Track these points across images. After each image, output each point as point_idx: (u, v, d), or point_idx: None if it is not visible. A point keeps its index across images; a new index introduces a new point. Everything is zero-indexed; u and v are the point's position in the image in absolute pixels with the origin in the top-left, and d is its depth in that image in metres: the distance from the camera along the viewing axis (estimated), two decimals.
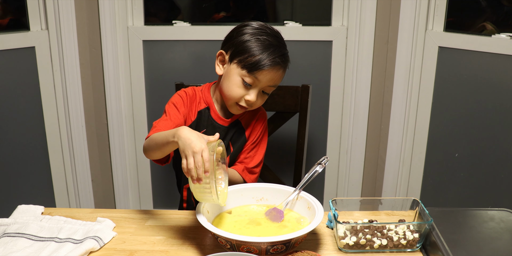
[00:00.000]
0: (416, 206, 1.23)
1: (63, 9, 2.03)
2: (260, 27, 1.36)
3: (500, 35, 1.91)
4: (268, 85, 1.35)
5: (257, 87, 1.34)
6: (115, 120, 2.22)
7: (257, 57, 1.31)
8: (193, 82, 1.72)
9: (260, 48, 1.32)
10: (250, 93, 1.34)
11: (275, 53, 1.32)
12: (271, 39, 1.34)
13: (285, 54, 1.36)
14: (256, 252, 1.08)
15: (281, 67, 1.35)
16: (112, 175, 2.30)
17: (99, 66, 2.16)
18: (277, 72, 1.34)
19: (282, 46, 1.36)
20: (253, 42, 1.33)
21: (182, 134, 1.10)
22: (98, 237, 1.19)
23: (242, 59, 1.32)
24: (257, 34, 1.34)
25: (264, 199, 1.31)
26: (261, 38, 1.33)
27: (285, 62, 1.36)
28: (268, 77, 1.33)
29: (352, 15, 2.09)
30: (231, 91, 1.35)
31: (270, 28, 1.38)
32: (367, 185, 2.34)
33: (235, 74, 1.34)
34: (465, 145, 2.07)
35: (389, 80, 2.15)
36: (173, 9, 2.29)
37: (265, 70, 1.31)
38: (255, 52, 1.31)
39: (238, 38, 1.35)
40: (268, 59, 1.31)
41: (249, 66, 1.31)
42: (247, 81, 1.33)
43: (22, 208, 1.32)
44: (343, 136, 2.25)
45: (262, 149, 1.49)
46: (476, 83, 2.00)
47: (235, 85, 1.34)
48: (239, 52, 1.33)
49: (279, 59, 1.32)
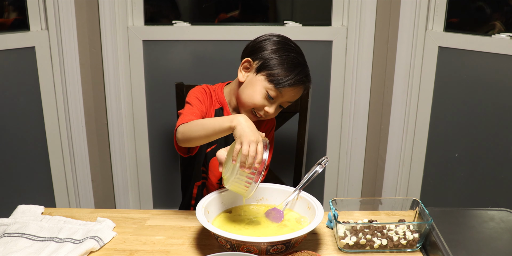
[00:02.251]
0: (416, 206, 1.24)
1: (63, 9, 2.03)
2: (287, 42, 1.41)
3: (500, 35, 1.91)
4: (288, 101, 1.39)
5: (278, 101, 1.38)
6: (115, 120, 2.22)
7: (286, 75, 1.34)
8: (193, 82, 1.71)
9: (289, 66, 1.36)
10: (271, 105, 1.38)
11: (302, 73, 1.37)
12: (300, 58, 1.40)
13: (308, 74, 1.41)
14: (256, 252, 1.08)
15: (304, 86, 1.40)
16: (112, 175, 2.30)
17: (99, 66, 2.16)
18: (299, 90, 1.39)
19: (306, 65, 1.41)
20: (284, 59, 1.36)
21: (242, 121, 1.15)
22: (98, 237, 1.19)
23: (271, 74, 1.35)
24: (286, 50, 1.38)
25: (264, 199, 1.31)
26: (291, 56, 1.37)
27: (308, 81, 1.40)
28: (291, 94, 1.38)
29: (352, 15, 2.09)
30: (254, 100, 1.37)
31: (294, 44, 1.43)
32: (367, 185, 2.34)
33: (260, 85, 1.36)
34: (465, 145, 2.07)
35: (389, 80, 2.15)
36: (173, 9, 2.29)
37: (290, 88, 1.36)
38: (284, 70, 1.35)
39: (267, 51, 1.38)
40: (296, 78, 1.35)
41: (276, 82, 1.34)
42: (272, 94, 1.36)
43: (22, 208, 1.32)
44: (343, 136, 2.25)
45: (269, 154, 1.49)
46: (476, 83, 2.00)
47: (259, 95, 1.36)
48: (268, 66, 1.36)
49: (305, 79, 1.38)
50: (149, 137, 2.26)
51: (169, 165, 2.30)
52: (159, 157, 2.30)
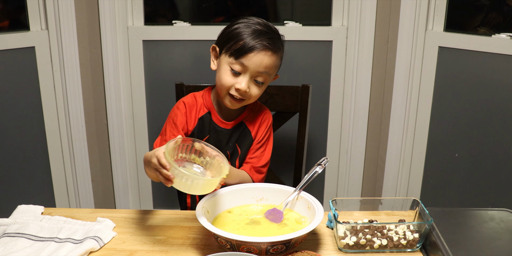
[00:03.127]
0: (416, 206, 1.23)
1: (63, 9, 2.03)
2: (252, 18, 1.35)
3: (500, 35, 1.91)
4: (258, 71, 1.31)
5: (246, 75, 1.31)
6: (115, 120, 2.22)
7: (242, 41, 1.29)
8: (193, 82, 1.72)
9: (245, 34, 1.29)
10: (240, 81, 1.31)
11: (260, 37, 1.29)
12: (261, 27, 1.32)
13: (273, 38, 1.32)
14: (256, 252, 1.08)
15: (269, 51, 1.30)
16: (112, 175, 2.30)
17: (99, 66, 2.16)
18: (264, 56, 1.30)
19: (272, 33, 1.33)
20: (241, 29, 1.31)
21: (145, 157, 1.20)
22: (98, 237, 1.19)
23: (229, 46, 1.31)
24: (248, 22, 1.33)
25: (264, 199, 1.31)
26: (251, 26, 1.31)
27: (273, 46, 1.31)
28: (255, 62, 1.29)
29: (352, 15, 2.09)
30: (222, 81, 1.33)
31: (263, 21, 1.35)
32: (367, 185, 2.34)
33: (224, 63, 1.33)
34: (465, 145, 2.07)
35: (389, 80, 2.15)
36: (172, 9, 2.29)
37: (251, 54, 1.28)
38: (241, 37, 1.29)
39: (229, 28, 1.34)
40: (254, 42, 1.28)
41: (235, 53, 1.29)
42: (236, 68, 1.31)
43: (22, 208, 1.32)
44: (343, 136, 2.25)
45: (269, 149, 1.47)
46: (476, 83, 2.00)
47: (224, 74, 1.32)
48: (227, 40, 1.32)
49: (266, 42, 1.29)
50: (149, 137, 2.26)
51: None
52: None
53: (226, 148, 1.43)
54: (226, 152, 1.44)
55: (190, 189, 1.13)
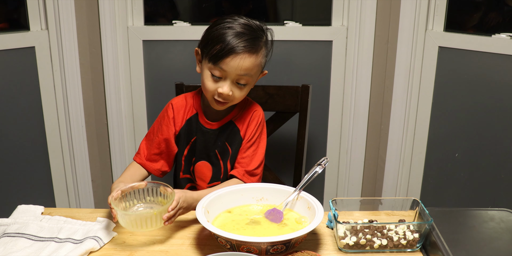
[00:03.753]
0: (416, 206, 1.23)
1: (63, 9, 2.03)
2: (233, 18, 1.30)
3: (500, 35, 1.91)
4: (238, 74, 1.28)
5: (227, 79, 1.29)
6: (115, 120, 2.22)
7: (219, 46, 1.26)
8: (193, 82, 1.72)
9: (223, 36, 1.25)
10: (222, 85, 1.29)
11: (238, 39, 1.25)
12: (239, 28, 1.27)
13: (252, 38, 1.27)
14: (256, 252, 1.08)
15: (247, 53, 1.26)
16: (112, 175, 2.30)
17: (99, 66, 2.16)
18: (241, 59, 1.26)
19: (251, 33, 1.28)
20: (219, 31, 1.27)
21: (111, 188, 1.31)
22: (98, 237, 1.19)
23: (208, 51, 1.29)
24: (224, 25, 1.28)
25: (264, 199, 1.31)
26: (229, 27, 1.27)
27: (251, 47, 1.27)
28: (233, 66, 1.26)
29: (352, 15, 2.09)
30: (205, 86, 1.32)
31: (244, 19, 1.30)
32: (367, 185, 2.34)
33: (205, 68, 1.31)
34: (465, 145, 2.07)
35: (389, 80, 2.15)
36: (172, 9, 2.29)
37: (228, 59, 1.25)
38: (218, 41, 1.25)
39: (208, 31, 1.31)
40: (230, 46, 1.24)
41: (213, 58, 1.27)
42: (216, 74, 1.29)
43: (21, 208, 1.32)
44: (343, 136, 2.25)
45: (261, 149, 1.44)
46: (476, 83, 2.00)
47: (206, 79, 1.31)
48: (205, 44, 1.30)
49: (242, 45, 1.25)
50: None
51: None
52: None
53: (214, 147, 1.43)
54: (214, 151, 1.43)
55: (132, 226, 1.17)
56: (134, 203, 1.25)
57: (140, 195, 1.25)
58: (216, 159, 1.44)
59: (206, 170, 1.45)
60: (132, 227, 1.17)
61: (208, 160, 1.45)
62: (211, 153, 1.44)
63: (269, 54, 1.36)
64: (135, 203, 1.25)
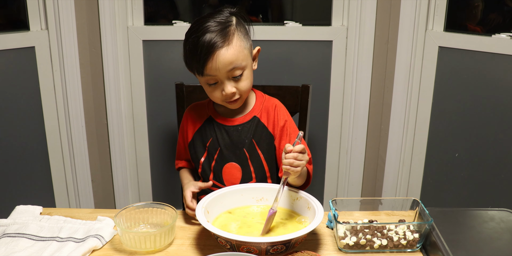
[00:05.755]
0: (416, 206, 1.23)
1: (63, 9, 2.03)
2: (196, 23, 1.31)
3: (500, 35, 1.91)
4: (227, 71, 1.27)
5: (223, 80, 1.29)
6: (115, 120, 2.22)
7: (195, 57, 1.27)
8: (193, 82, 1.71)
9: (194, 50, 1.27)
10: (222, 88, 1.30)
11: (205, 45, 1.25)
12: (204, 33, 1.26)
13: (218, 34, 1.25)
14: (256, 252, 1.08)
15: (221, 48, 1.25)
16: (112, 175, 2.30)
17: (99, 66, 2.16)
18: (219, 56, 1.25)
19: (216, 30, 1.26)
20: (190, 44, 1.29)
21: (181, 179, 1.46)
22: (100, 236, 1.19)
23: (191, 68, 1.32)
24: (191, 36, 1.29)
25: (264, 199, 1.31)
26: (197, 36, 1.27)
27: (223, 42, 1.26)
28: (218, 67, 1.26)
29: (352, 15, 2.09)
30: (210, 96, 1.36)
31: (207, 19, 1.29)
32: (367, 185, 2.34)
33: (201, 82, 1.35)
34: (465, 145, 2.07)
35: (389, 80, 2.15)
36: (173, 9, 2.29)
37: (209, 64, 1.26)
38: (192, 57, 1.28)
39: (184, 47, 1.34)
40: (202, 54, 1.25)
41: (197, 70, 1.30)
42: (210, 81, 1.31)
43: (20, 208, 1.32)
44: (343, 136, 2.25)
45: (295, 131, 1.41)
46: (476, 83, 2.00)
47: (207, 89, 1.34)
48: (186, 62, 1.34)
49: (212, 45, 1.24)
50: (149, 137, 2.26)
51: (169, 165, 2.30)
52: (159, 157, 2.30)
53: (242, 145, 1.39)
54: (242, 150, 1.39)
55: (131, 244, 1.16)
56: (139, 223, 1.25)
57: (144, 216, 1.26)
58: (244, 158, 1.39)
59: (236, 171, 1.41)
60: (131, 245, 1.17)
61: (235, 160, 1.40)
62: (237, 151, 1.39)
63: (248, 31, 1.35)
64: (139, 224, 1.25)
